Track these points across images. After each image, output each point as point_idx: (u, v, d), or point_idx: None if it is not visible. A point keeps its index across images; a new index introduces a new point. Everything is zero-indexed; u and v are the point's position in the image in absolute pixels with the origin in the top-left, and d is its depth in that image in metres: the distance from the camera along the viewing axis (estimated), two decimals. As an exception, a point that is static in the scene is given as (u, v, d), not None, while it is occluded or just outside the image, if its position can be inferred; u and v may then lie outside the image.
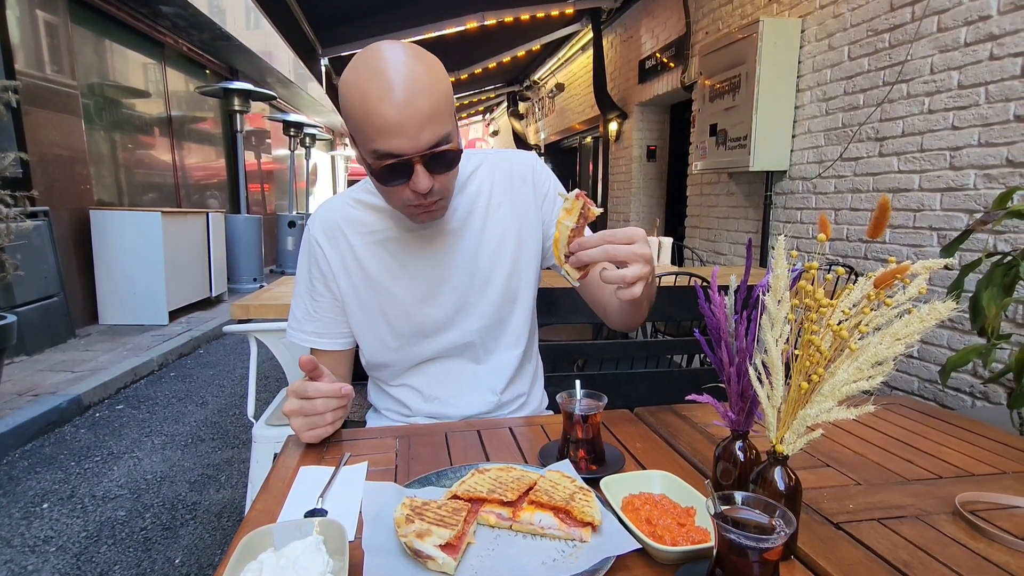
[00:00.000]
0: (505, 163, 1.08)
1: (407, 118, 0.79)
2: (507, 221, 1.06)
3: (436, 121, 0.82)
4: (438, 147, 0.83)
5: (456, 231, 1.04)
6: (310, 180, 12.09)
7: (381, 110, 0.79)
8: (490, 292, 1.06)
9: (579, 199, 0.79)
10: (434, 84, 0.82)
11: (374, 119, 0.80)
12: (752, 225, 3.97)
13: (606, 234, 0.77)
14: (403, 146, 0.81)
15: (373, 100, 0.79)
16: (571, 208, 0.80)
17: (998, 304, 1.46)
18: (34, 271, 3.99)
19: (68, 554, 1.95)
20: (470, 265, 1.04)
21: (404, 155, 0.82)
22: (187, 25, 6.32)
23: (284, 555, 0.57)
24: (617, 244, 0.77)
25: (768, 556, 0.49)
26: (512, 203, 1.07)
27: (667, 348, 1.91)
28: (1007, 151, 2.22)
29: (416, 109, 0.79)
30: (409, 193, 0.87)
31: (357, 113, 0.81)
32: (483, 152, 1.10)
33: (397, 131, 0.80)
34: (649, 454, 0.89)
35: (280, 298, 2.00)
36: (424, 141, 0.81)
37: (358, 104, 0.81)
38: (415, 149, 0.81)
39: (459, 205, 1.04)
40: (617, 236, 0.77)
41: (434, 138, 0.82)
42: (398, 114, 0.79)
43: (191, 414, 3.28)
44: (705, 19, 4.58)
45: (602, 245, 0.76)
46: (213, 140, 7.98)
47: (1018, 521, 0.70)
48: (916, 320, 0.56)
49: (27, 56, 4.32)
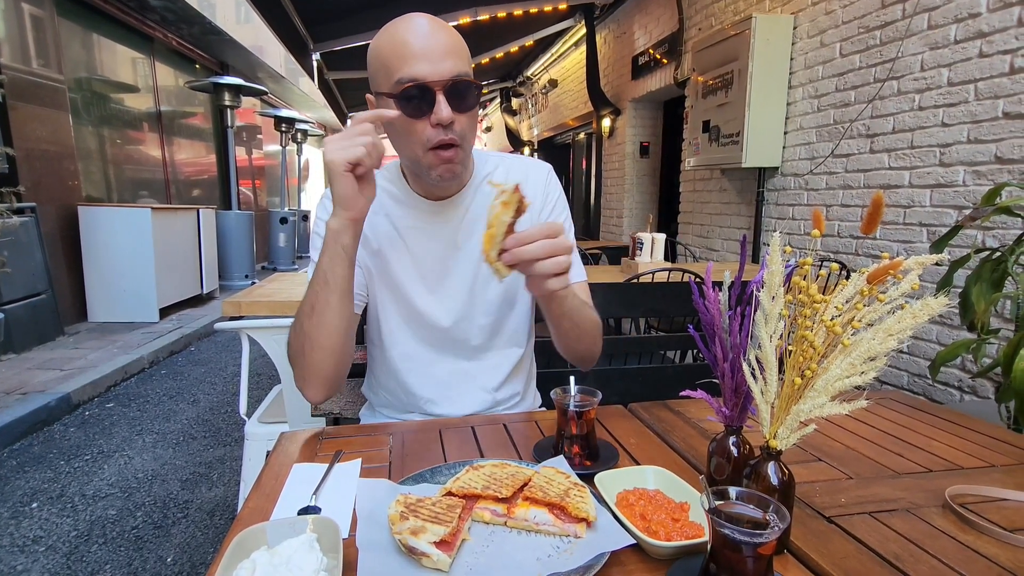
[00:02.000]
0: (521, 170, 1.10)
1: (430, 45, 0.87)
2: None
3: (457, 56, 0.89)
4: (459, 78, 0.88)
5: (466, 228, 1.04)
6: (302, 176, 12.01)
7: (408, 38, 0.88)
8: (492, 291, 1.06)
9: (517, 192, 0.76)
10: (456, 34, 0.91)
11: (399, 48, 0.87)
12: (744, 221, 3.99)
13: (545, 229, 0.76)
14: (425, 71, 0.86)
15: (400, 33, 0.89)
16: (509, 202, 0.76)
17: (987, 299, 1.47)
18: (21, 268, 3.93)
19: (58, 553, 1.93)
20: (475, 262, 1.05)
21: (426, 80, 0.86)
22: (176, 19, 6.25)
23: (277, 553, 0.56)
24: (552, 240, 0.76)
25: (762, 551, 0.49)
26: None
27: (660, 344, 1.91)
28: (996, 148, 2.25)
29: (438, 40, 0.88)
30: (430, 130, 0.89)
31: (384, 50, 0.89)
32: (501, 155, 1.13)
33: (421, 55, 0.86)
34: (643, 450, 0.89)
35: (272, 295, 1.99)
36: (445, 69, 0.87)
37: (385, 42, 0.90)
38: (437, 75, 0.87)
39: (472, 201, 1.05)
40: (545, 230, 0.76)
41: (455, 69, 0.88)
42: (422, 42, 0.87)
43: (182, 412, 3.25)
44: (698, 15, 4.58)
45: (541, 240, 0.75)
46: (203, 135, 7.90)
47: (1007, 513, 0.71)
48: (908, 316, 0.57)
49: (12, 50, 4.25)
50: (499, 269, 0.77)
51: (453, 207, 1.04)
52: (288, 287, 2.14)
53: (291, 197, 11.37)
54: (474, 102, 0.92)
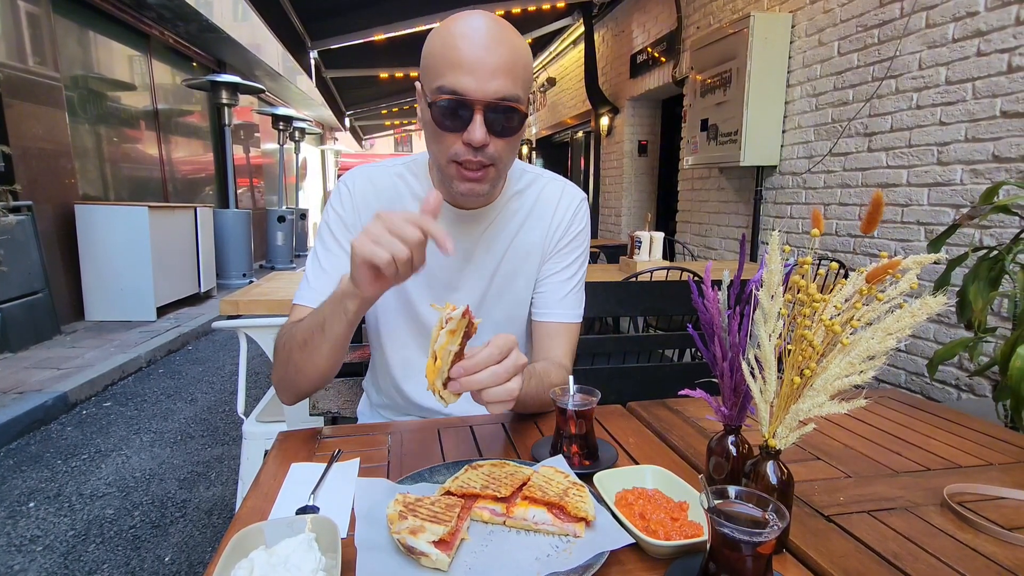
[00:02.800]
0: (557, 191, 1.06)
1: (481, 58, 0.80)
2: (535, 244, 1.05)
3: (509, 76, 0.81)
4: (504, 101, 0.82)
5: (484, 243, 1.01)
6: (300, 175, 11.98)
7: (460, 44, 0.80)
8: (499, 311, 1.05)
9: (465, 317, 0.70)
10: (517, 48, 0.83)
11: (450, 52, 0.81)
12: (742, 220, 3.99)
13: (495, 353, 0.70)
14: (469, 86, 0.80)
15: (455, 36, 0.81)
16: (456, 329, 0.70)
17: (984, 298, 1.48)
18: (18, 267, 3.92)
19: (55, 553, 1.93)
20: (487, 279, 1.03)
21: (467, 96, 0.81)
22: (173, 16, 6.22)
23: (276, 553, 0.56)
24: (501, 365, 0.70)
25: (761, 550, 0.49)
26: (546, 229, 1.05)
27: (659, 343, 1.91)
28: (993, 146, 2.25)
29: (493, 56, 0.80)
30: (460, 146, 0.84)
31: (436, 48, 0.83)
32: (538, 172, 1.08)
33: (468, 69, 0.80)
34: (642, 449, 0.89)
35: (270, 294, 1.98)
36: (491, 89, 0.81)
37: (439, 40, 0.83)
38: (480, 94, 0.81)
39: (497, 216, 1.02)
40: (495, 355, 0.70)
41: (502, 91, 0.81)
42: (474, 53, 0.80)
43: (180, 411, 3.25)
44: (696, 14, 4.58)
45: (487, 369, 0.70)
46: (200, 134, 7.88)
47: (1005, 512, 0.71)
48: (908, 315, 0.57)
49: (8, 47, 4.23)
50: (444, 398, 0.72)
51: (475, 220, 1.00)
52: (286, 286, 2.13)
53: (289, 195, 11.35)
54: (515, 129, 0.85)
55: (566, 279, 1.06)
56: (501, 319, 1.06)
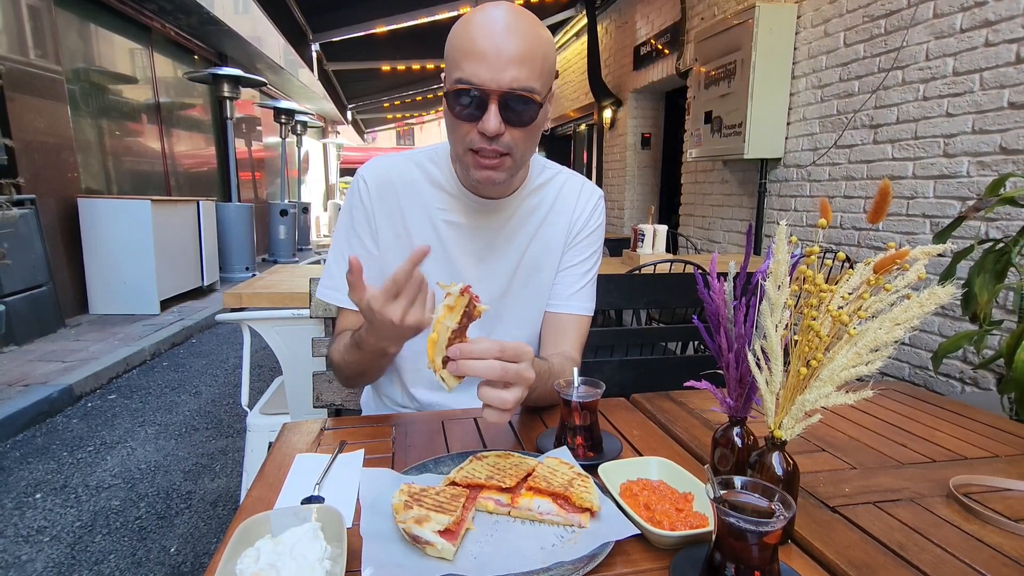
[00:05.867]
0: (576, 186, 1.08)
1: (496, 47, 0.80)
2: (557, 238, 1.05)
3: (525, 66, 0.81)
4: (518, 91, 0.82)
5: (507, 233, 1.02)
6: (302, 168, 11.96)
7: (477, 35, 0.81)
8: (524, 299, 1.05)
9: (464, 295, 0.69)
10: (536, 39, 0.83)
11: (466, 42, 0.82)
12: (746, 213, 3.97)
13: (497, 348, 0.69)
14: (483, 76, 0.81)
15: (473, 26, 0.82)
16: (454, 305, 0.69)
17: (990, 290, 1.47)
18: (21, 260, 3.93)
19: (62, 544, 1.94)
20: (511, 270, 1.03)
21: (481, 86, 0.81)
22: (174, 9, 6.20)
23: (281, 541, 0.56)
24: (507, 363, 0.69)
25: (767, 540, 0.49)
26: (567, 223, 1.06)
27: (662, 335, 1.91)
28: (1000, 138, 2.23)
29: (509, 46, 0.81)
30: (475, 135, 0.85)
31: (455, 38, 0.84)
32: (560, 166, 1.09)
33: (483, 58, 0.80)
34: (646, 441, 0.89)
35: (273, 287, 1.99)
36: (505, 79, 0.81)
37: (459, 31, 0.84)
38: (494, 83, 0.81)
39: (520, 206, 1.02)
40: (507, 352, 0.69)
41: (516, 81, 0.81)
42: (489, 43, 0.81)
43: (184, 404, 3.26)
44: (700, 5, 4.54)
45: (490, 360, 0.68)
46: (202, 127, 7.86)
47: (1011, 503, 0.71)
48: (915, 305, 0.56)
49: (9, 40, 4.22)
50: (445, 378, 0.70)
51: (497, 210, 1.00)
52: (288, 279, 2.14)
53: (291, 189, 11.33)
54: (531, 118, 0.85)
55: (582, 273, 1.07)
56: (526, 311, 1.06)
